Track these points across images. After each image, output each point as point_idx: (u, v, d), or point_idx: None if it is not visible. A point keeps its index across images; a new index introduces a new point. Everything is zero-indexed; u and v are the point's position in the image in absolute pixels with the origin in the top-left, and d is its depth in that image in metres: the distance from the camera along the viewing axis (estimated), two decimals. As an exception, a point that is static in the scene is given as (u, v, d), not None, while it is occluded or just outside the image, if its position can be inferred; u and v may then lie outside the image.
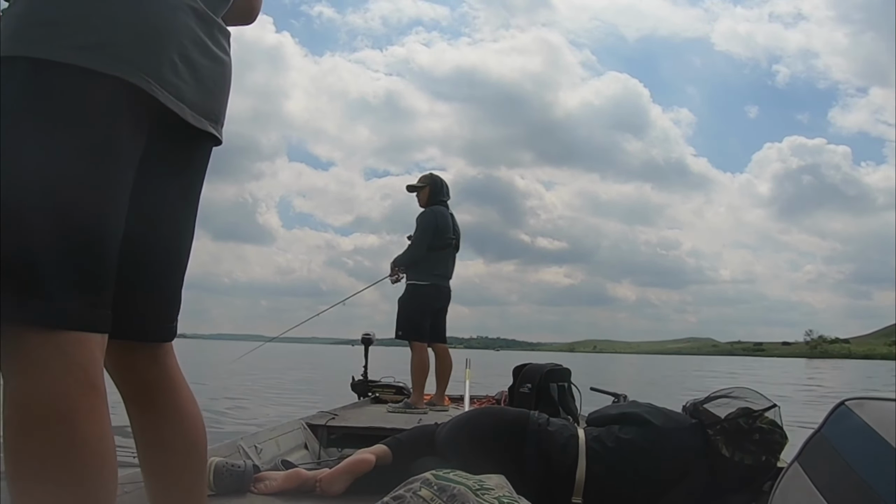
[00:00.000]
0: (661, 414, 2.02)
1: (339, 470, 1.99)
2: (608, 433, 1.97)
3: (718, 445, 1.87)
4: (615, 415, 2.06)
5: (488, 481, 1.50)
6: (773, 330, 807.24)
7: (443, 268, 4.69)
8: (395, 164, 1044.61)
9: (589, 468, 1.89)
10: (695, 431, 1.94)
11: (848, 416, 1.48)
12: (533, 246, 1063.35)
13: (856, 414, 1.46)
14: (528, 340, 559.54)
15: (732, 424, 1.89)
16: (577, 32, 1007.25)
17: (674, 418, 2.01)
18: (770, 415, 1.91)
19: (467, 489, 1.42)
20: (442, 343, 4.73)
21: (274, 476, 2.05)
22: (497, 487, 1.49)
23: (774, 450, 1.87)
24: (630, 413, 2.03)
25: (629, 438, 1.92)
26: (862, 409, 1.45)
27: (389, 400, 4.68)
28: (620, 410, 2.10)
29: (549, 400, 3.42)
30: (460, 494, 1.40)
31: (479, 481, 1.48)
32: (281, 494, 1.98)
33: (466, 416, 2.15)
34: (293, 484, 2.01)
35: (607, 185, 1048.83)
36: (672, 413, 2.05)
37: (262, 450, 2.51)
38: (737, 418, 1.90)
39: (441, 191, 4.79)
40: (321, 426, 3.22)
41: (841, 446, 1.45)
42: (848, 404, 1.50)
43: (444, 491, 1.41)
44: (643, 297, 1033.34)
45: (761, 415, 1.90)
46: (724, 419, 1.91)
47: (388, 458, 2.03)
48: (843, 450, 1.43)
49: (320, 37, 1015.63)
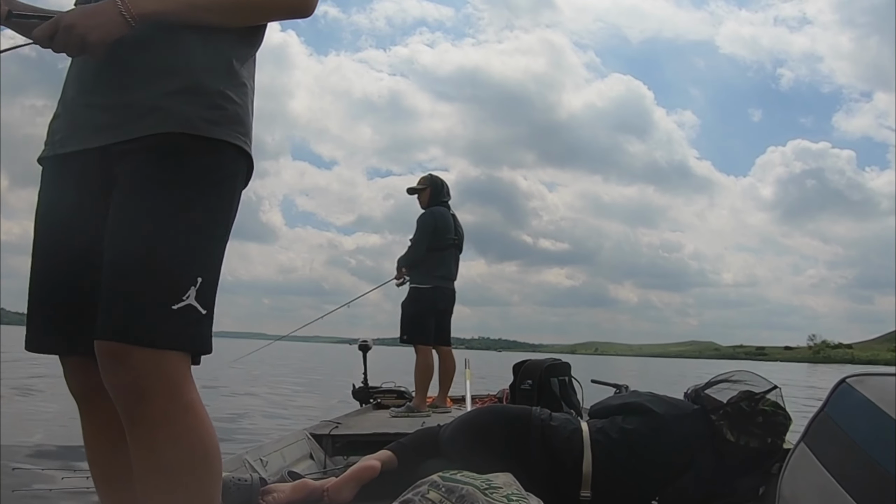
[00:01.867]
0: (662, 402, 2.02)
1: (345, 478, 1.99)
2: (612, 424, 1.97)
3: (723, 430, 1.88)
4: (617, 405, 2.06)
5: (496, 480, 1.50)
6: (775, 334, 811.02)
7: (445, 269, 4.67)
8: (398, 164, 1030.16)
9: (595, 460, 1.89)
10: (698, 418, 1.94)
11: (850, 393, 1.49)
12: (535, 247, 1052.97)
13: (857, 390, 1.47)
14: (529, 341, 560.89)
15: (735, 408, 1.89)
16: (581, 34, 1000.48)
17: (676, 405, 2.01)
18: (772, 396, 1.91)
19: (476, 489, 1.42)
20: (446, 345, 4.71)
21: (281, 488, 2.04)
22: (505, 485, 1.49)
23: (779, 431, 1.88)
24: (632, 403, 2.03)
25: (633, 428, 1.93)
26: (863, 385, 1.46)
27: (391, 405, 4.67)
28: (622, 401, 2.10)
29: (551, 395, 3.42)
30: (469, 495, 1.39)
31: (486, 480, 1.47)
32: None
33: (469, 415, 2.15)
34: (301, 494, 2.00)
35: (610, 186, 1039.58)
36: (674, 400, 2.06)
37: (267, 462, 2.50)
38: (739, 402, 1.90)
39: (441, 191, 4.77)
40: (325, 435, 3.21)
41: (845, 423, 1.45)
42: (849, 381, 1.51)
43: (453, 492, 1.40)
44: (645, 299, 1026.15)
45: (763, 397, 1.90)
46: (727, 403, 1.91)
47: (394, 463, 2.03)
48: (847, 426, 1.44)
49: (325, 36, 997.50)
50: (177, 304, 1.02)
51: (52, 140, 1.16)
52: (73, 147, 1.11)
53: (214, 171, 1.09)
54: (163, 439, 1.00)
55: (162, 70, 1.08)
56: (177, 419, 1.02)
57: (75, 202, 1.12)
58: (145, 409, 1.00)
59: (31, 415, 6.28)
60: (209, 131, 1.08)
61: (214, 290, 1.09)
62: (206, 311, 1.06)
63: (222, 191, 1.11)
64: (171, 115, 1.06)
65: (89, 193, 1.11)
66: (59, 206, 1.15)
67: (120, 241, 1.03)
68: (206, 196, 1.08)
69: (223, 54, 1.13)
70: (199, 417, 1.04)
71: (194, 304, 1.04)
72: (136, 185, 1.05)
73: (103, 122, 1.08)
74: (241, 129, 1.13)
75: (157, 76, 1.07)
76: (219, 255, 1.11)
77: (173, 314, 1.02)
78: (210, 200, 1.08)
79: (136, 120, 1.06)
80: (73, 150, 1.11)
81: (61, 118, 1.16)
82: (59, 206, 1.15)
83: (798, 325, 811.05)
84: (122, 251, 1.03)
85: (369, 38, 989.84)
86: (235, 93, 1.13)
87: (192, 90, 1.08)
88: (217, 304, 1.09)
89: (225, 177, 1.11)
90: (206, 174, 1.08)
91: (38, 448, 4.77)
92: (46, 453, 4.56)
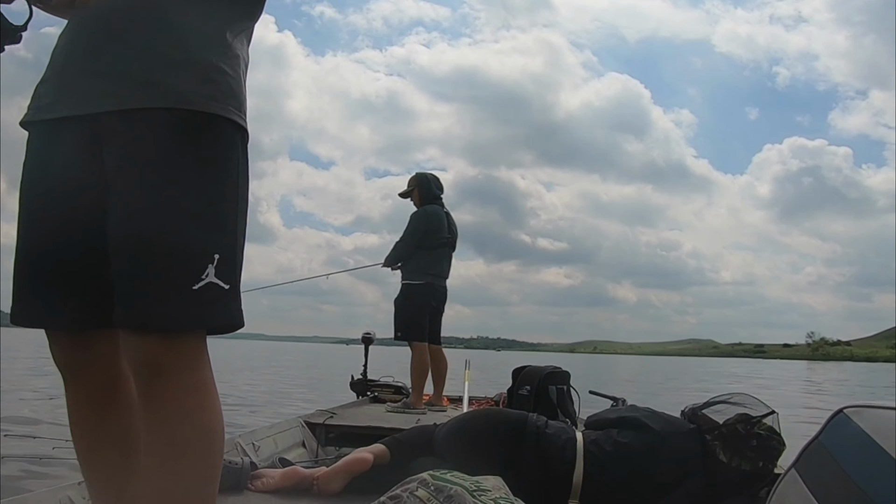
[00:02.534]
0: (659, 418, 2.02)
1: (336, 469, 1.99)
2: (606, 437, 1.97)
3: (716, 451, 1.87)
4: (614, 419, 2.06)
5: (485, 482, 1.50)
6: (773, 332, 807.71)
7: (438, 267, 4.67)
8: (396, 164, 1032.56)
9: (586, 471, 1.89)
10: (692, 436, 1.94)
11: (846, 424, 1.47)
12: (533, 246, 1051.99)
13: (854, 422, 1.45)
14: (528, 341, 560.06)
15: (730, 430, 1.89)
16: (578, 33, 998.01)
17: (672, 423, 2.01)
18: (768, 421, 1.91)
19: (464, 490, 1.42)
20: (436, 344, 4.71)
21: (271, 473, 2.05)
22: (494, 489, 1.49)
23: (772, 456, 1.87)
24: (628, 417, 2.03)
25: (627, 442, 1.92)
26: (860, 417, 1.45)
27: (388, 399, 4.68)
28: (619, 414, 2.09)
29: (548, 402, 3.42)
30: (457, 495, 1.40)
31: (476, 482, 1.48)
32: (278, 492, 1.98)
33: (465, 417, 2.16)
34: (290, 482, 2.01)
35: (608, 186, 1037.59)
36: (670, 418, 2.05)
37: (259, 447, 2.51)
38: (735, 424, 1.90)
39: (431, 187, 4.75)
40: (319, 424, 3.23)
41: (838, 454, 1.44)
42: (846, 412, 1.49)
43: (441, 492, 1.41)
44: (644, 298, 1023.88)
45: (759, 421, 1.90)
46: (723, 424, 1.91)
47: (386, 458, 2.03)
48: (840, 458, 1.43)
49: (322, 37, 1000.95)
50: (196, 283, 1.01)
51: (39, 104, 1.13)
52: (63, 112, 1.08)
53: (212, 147, 1.07)
54: (174, 414, 1.01)
55: (155, 40, 1.06)
56: (189, 396, 1.03)
57: (64, 169, 1.10)
58: (161, 384, 1.01)
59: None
60: (204, 105, 1.06)
61: (235, 264, 1.08)
62: (228, 285, 1.05)
63: (223, 164, 1.09)
64: (165, 88, 1.04)
65: (79, 160, 1.08)
66: (47, 173, 1.12)
67: (127, 226, 1.02)
68: (207, 172, 1.06)
69: (218, 25, 1.12)
70: (210, 396, 1.05)
71: (215, 281, 1.03)
72: (133, 164, 1.03)
73: (95, 88, 1.05)
74: (234, 103, 1.11)
75: (149, 47, 1.05)
76: (232, 228, 1.09)
77: (193, 295, 1.01)
78: (212, 176, 1.07)
79: (129, 90, 1.04)
80: (61, 115, 1.08)
81: (49, 82, 1.13)
82: (48, 172, 1.12)
83: (797, 322, 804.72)
84: (131, 237, 1.01)
85: (366, 38, 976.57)
86: (229, 65, 1.12)
87: (186, 63, 1.06)
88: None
89: (223, 150, 1.09)
90: (204, 149, 1.07)
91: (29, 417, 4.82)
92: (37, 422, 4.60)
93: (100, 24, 1.07)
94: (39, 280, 1.11)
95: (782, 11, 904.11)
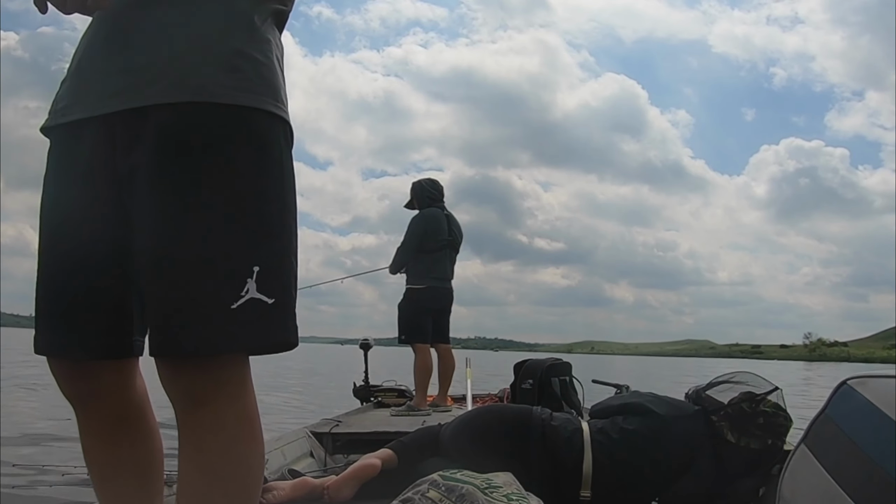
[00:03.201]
0: (663, 403, 2.02)
1: (345, 476, 1.99)
2: (612, 424, 1.97)
3: (723, 431, 1.87)
4: (618, 406, 2.06)
5: (496, 479, 1.50)
6: (770, 332, 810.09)
7: (440, 270, 4.67)
8: (393, 165, 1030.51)
9: (595, 460, 1.88)
10: (698, 418, 1.94)
11: (851, 395, 1.48)
12: (530, 246, 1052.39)
13: (858, 392, 1.46)
14: (526, 341, 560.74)
15: (736, 409, 1.89)
16: (575, 34, 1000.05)
17: (677, 406, 2.01)
18: (773, 398, 1.91)
19: (475, 488, 1.42)
20: (445, 343, 4.72)
21: (282, 486, 2.04)
22: (505, 485, 1.49)
23: (780, 433, 1.88)
24: (633, 403, 2.03)
25: (633, 429, 1.92)
26: (864, 388, 1.46)
27: (392, 403, 4.67)
28: (623, 401, 2.10)
29: (552, 395, 3.42)
30: (469, 494, 1.39)
31: (486, 480, 1.48)
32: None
33: (470, 415, 2.15)
34: (301, 492, 2.00)
35: (605, 186, 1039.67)
36: (675, 401, 2.05)
37: (267, 460, 2.50)
38: (740, 403, 1.90)
39: (425, 194, 4.77)
40: (325, 434, 3.22)
41: (846, 425, 1.45)
42: (850, 383, 1.50)
43: (453, 491, 1.40)
44: (641, 298, 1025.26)
45: (764, 398, 1.90)
46: (728, 404, 1.91)
47: (394, 462, 2.03)
48: (848, 429, 1.44)
49: (319, 37, 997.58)
50: (235, 302, 0.91)
51: (56, 108, 1.05)
52: (78, 115, 1.00)
53: (244, 144, 0.96)
54: (214, 445, 0.95)
55: (169, 30, 0.97)
56: (229, 427, 0.95)
57: (81, 185, 1.01)
58: (200, 414, 0.94)
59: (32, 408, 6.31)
60: (231, 97, 0.95)
61: (282, 272, 0.98)
62: (273, 299, 0.95)
63: (260, 162, 0.98)
64: (179, 80, 0.94)
65: (94, 173, 0.99)
66: (65, 191, 1.03)
67: (150, 243, 0.93)
68: (239, 173, 0.95)
69: (243, 8, 1.01)
70: (252, 426, 0.98)
71: (257, 297, 0.93)
72: (157, 174, 0.93)
73: (110, 87, 0.97)
74: (269, 92, 1.00)
75: (164, 37, 0.97)
76: (278, 232, 0.99)
77: (232, 314, 0.91)
78: (247, 177, 0.96)
79: (146, 86, 0.95)
80: (77, 118, 1.00)
81: (66, 84, 1.06)
82: (66, 190, 1.03)
83: (794, 323, 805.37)
84: (155, 255, 0.93)
85: (363, 38, 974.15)
86: (259, 50, 1.00)
87: (204, 49, 0.96)
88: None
89: (259, 146, 0.98)
90: (235, 147, 0.96)
91: (38, 437, 4.78)
92: (46, 444, 4.57)
93: (116, 21, 0.99)
94: (63, 310, 1.03)
95: (779, 12, 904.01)
